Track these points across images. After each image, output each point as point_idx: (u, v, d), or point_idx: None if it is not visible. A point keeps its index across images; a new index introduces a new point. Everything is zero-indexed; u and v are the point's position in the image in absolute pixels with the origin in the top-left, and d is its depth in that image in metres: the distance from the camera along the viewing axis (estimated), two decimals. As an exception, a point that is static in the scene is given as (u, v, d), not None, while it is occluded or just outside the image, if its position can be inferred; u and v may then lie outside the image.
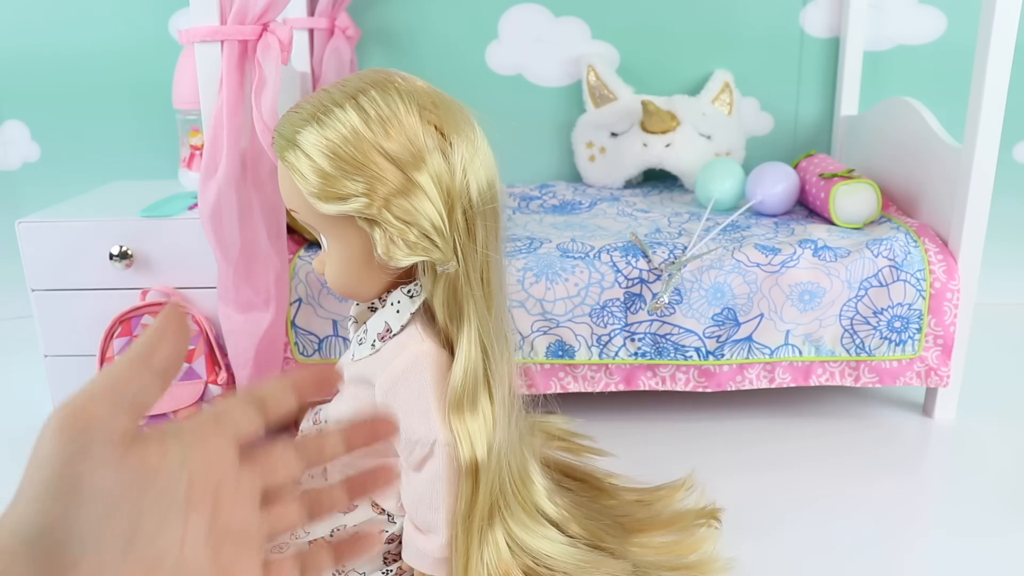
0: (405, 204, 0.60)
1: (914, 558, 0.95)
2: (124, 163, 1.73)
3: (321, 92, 0.64)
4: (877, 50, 1.72)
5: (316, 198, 0.61)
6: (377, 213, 0.59)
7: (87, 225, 1.23)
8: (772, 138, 1.78)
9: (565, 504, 0.85)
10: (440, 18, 1.72)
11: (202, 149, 1.32)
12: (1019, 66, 1.47)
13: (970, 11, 1.67)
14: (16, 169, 1.74)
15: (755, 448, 1.20)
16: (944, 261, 1.20)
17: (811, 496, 1.07)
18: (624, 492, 1.01)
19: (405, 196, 0.59)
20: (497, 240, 0.67)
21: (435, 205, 0.60)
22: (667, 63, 1.74)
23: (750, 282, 1.19)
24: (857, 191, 1.30)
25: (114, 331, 1.18)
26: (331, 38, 1.60)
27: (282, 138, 0.64)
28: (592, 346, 1.20)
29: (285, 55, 1.06)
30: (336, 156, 0.60)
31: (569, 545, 0.80)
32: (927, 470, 1.16)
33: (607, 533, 0.87)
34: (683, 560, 0.89)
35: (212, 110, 1.06)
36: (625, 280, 1.19)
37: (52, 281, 1.24)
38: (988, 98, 1.14)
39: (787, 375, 1.23)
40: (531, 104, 1.76)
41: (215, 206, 1.06)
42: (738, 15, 1.71)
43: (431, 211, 0.60)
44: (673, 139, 1.60)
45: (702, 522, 0.96)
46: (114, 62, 1.68)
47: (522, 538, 0.75)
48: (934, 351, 1.22)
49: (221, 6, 1.03)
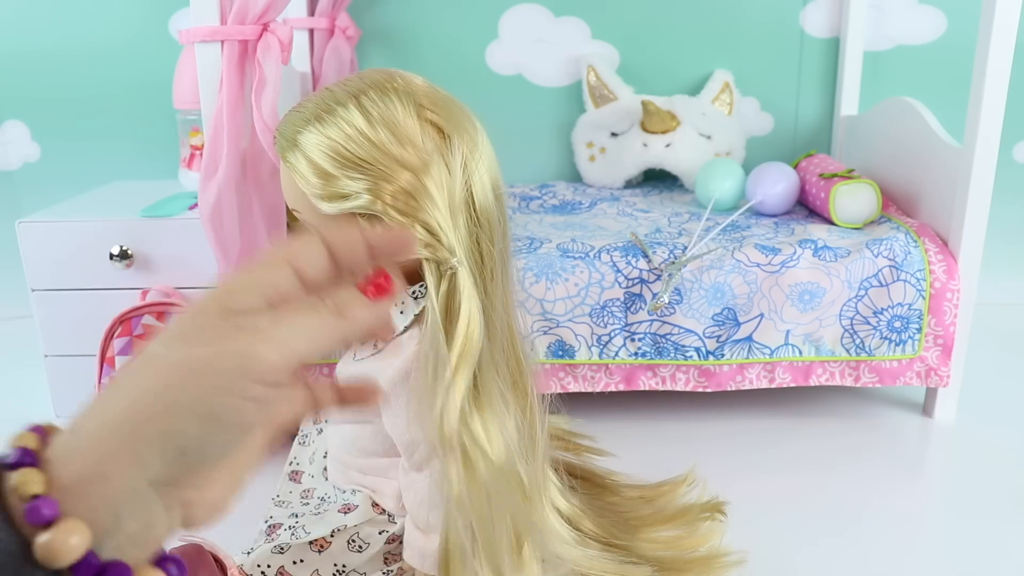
0: (409, 202, 0.59)
1: (914, 557, 0.95)
2: (124, 163, 1.73)
3: (323, 91, 0.64)
4: (877, 50, 1.72)
5: (318, 198, 0.61)
6: (381, 210, 0.59)
7: (87, 225, 1.23)
8: (772, 138, 1.78)
9: (577, 501, 0.86)
10: (440, 18, 1.72)
11: (202, 149, 1.32)
12: (1019, 66, 1.47)
13: (970, 11, 1.67)
14: (16, 169, 1.74)
15: (755, 448, 1.20)
16: (944, 261, 1.20)
17: (811, 496, 1.07)
18: (626, 489, 1.01)
19: (408, 194, 0.59)
20: (504, 239, 0.67)
21: (439, 203, 0.60)
22: (667, 63, 1.74)
23: (750, 282, 1.19)
24: (857, 191, 1.30)
25: (114, 331, 1.18)
26: (331, 38, 1.60)
27: (284, 138, 0.64)
28: (592, 346, 1.20)
29: (285, 55, 1.06)
30: (338, 156, 0.60)
31: (584, 546, 0.80)
32: (927, 470, 1.16)
33: (618, 529, 0.88)
34: (694, 554, 0.90)
35: (212, 110, 1.06)
36: (625, 280, 1.19)
37: (52, 281, 1.24)
38: (988, 98, 1.14)
39: (787, 375, 1.23)
40: (531, 104, 1.76)
41: (215, 206, 1.06)
42: (738, 15, 1.71)
43: (435, 211, 0.60)
44: (673, 139, 1.60)
45: (707, 516, 0.97)
46: (114, 62, 1.68)
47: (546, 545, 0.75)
48: (934, 351, 1.22)
49: (221, 6, 1.03)
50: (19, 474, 0.28)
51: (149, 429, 0.30)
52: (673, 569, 0.86)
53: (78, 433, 0.31)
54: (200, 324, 0.32)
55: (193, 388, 0.31)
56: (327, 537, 0.80)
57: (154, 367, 0.32)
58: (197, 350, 0.31)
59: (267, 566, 0.77)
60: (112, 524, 0.29)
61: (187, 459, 0.31)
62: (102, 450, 0.30)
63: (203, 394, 0.31)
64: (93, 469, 0.29)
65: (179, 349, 0.32)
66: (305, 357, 0.33)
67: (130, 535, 0.30)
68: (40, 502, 0.28)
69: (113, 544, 0.30)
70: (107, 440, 0.30)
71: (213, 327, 0.32)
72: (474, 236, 0.63)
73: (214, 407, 0.31)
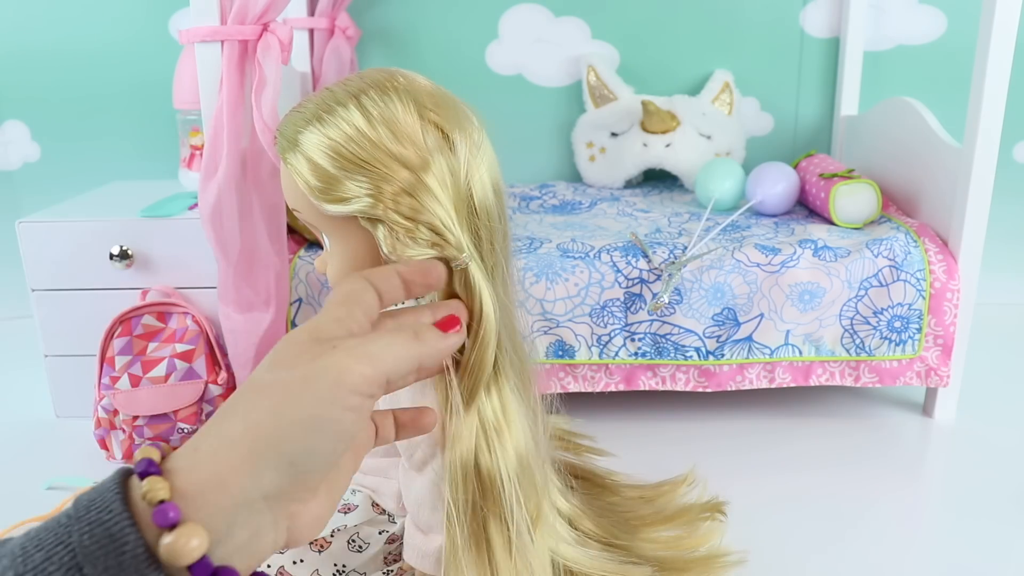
0: (412, 202, 0.59)
1: (914, 558, 0.95)
2: (124, 163, 1.73)
3: (323, 91, 0.64)
4: (877, 50, 1.72)
5: (319, 199, 0.61)
6: (383, 213, 0.59)
7: (87, 225, 1.23)
8: (772, 138, 1.78)
9: (577, 501, 0.86)
10: (440, 18, 1.72)
11: (202, 149, 1.33)
12: (1019, 66, 1.48)
13: (970, 11, 1.68)
14: (16, 169, 1.74)
15: (755, 448, 1.20)
16: (944, 261, 1.20)
17: (811, 496, 1.07)
18: (626, 489, 1.01)
19: (411, 195, 0.59)
20: (505, 239, 0.67)
21: (442, 200, 0.60)
22: (667, 63, 1.74)
23: (750, 282, 1.19)
24: (857, 191, 1.30)
25: (114, 331, 1.18)
26: (331, 38, 1.60)
27: (284, 138, 0.64)
28: (592, 346, 1.20)
29: (285, 55, 1.06)
30: (339, 156, 0.60)
31: (584, 546, 0.80)
32: (927, 470, 1.16)
33: (618, 529, 0.88)
34: (694, 554, 0.90)
35: (212, 110, 1.06)
36: (625, 280, 1.19)
37: (52, 281, 1.24)
38: (988, 98, 1.14)
39: (787, 375, 1.23)
40: (531, 104, 1.76)
41: (215, 206, 1.06)
42: (738, 15, 1.71)
43: (439, 208, 0.59)
44: (673, 139, 1.60)
45: (707, 516, 0.97)
46: (114, 62, 1.68)
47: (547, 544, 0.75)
48: (934, 351, 1.22)
49: (221, 6, 1.03)
50: (147, 482, 0.32)
51: (262, 444, 0.34)
52: (673, 569, 0.87)
53: (198, 450, 0.34)
54: (296, 351, 0.37)
55: (298, 402, 0.35)
56: (327, 537, 0.80)
57: (261, 388, 0.35)
58: (299, 369, 0.35)
59: (267, 566, 0.77)
60: (225, 532, 0.33)
61: (295, 470, 0.34)
62: (219, 463, 0.33)
63: (307, 406, 0.34)
64: (213, 480, 0.33)
65: (281, 372, 0.36)
66: (391, 374, 0.37)
67: (239, 544, 0.33)
68: (167, 507, 0.31)
69: (223, 552, 0.33)
70: (224, 454, 0.34)
71: (309, 351, 0.36)
72: (475, 236, 0.63)
73: (317, 418, 0.34)
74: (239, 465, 0.33)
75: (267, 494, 0.34)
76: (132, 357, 1.15)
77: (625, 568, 0.80)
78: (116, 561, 0.30)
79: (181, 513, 0.31)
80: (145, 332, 1.19)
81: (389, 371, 0.37)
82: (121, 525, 0.30)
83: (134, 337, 1.17)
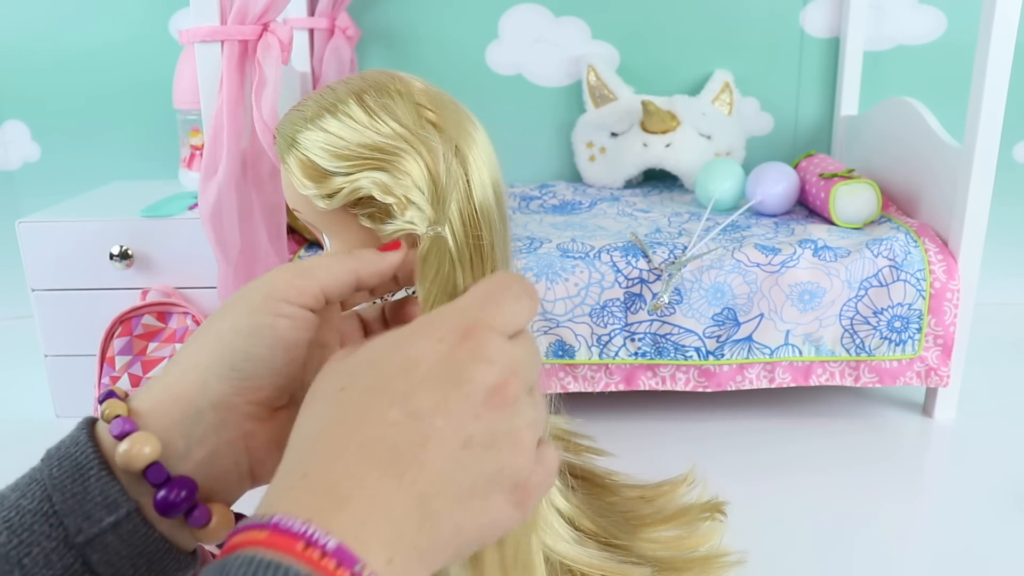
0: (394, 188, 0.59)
1: (914, 558, 0.95)
2: (124, 163, 1.73)
3: (323, 90, 0.64)
4: (877, 50, 1.72)
5: (315, 196, 0.61)
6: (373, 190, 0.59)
7: (87, 225, 1.23)
8: (772, 138, 1.78)
9: (577, 501, 0.86)
10: (440, 18, 1.72)
11: (202, 149, 1.33)
12: (1019, 66, 1.48)
13: (970, 11, 1.68)
14: (16, 169, 1.74)
15: (755, 448, 1.20)
16: (944, 261, 1.20)
17: (811, 495, 1.07)
18: (626, 489, 1.01)
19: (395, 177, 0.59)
20: (505, 239, 0.67)
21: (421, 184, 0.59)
22: (667, 63, 1.74)
23: (750, 282, 1.19)
24: (857, 191, 1.30)
25: (114, 331, 1.18)
26: (331, 38, 1.60)
27: (283, 138, 0.64)
28: (592, 346, 1.20)
29: (285, 55, 1.06)
30: (334, 151, 0.60)
31: (584, 546, 0.80)
32: (927, 470, 1.16)
33: (618, 529, 0.88)
34: (694, 554, 0.90)
35: (212, 110, 1.06)
36: (625, 280, 1.19)
37: (52, 281, 1.24)
38: (988, 98, 1.14)
39: (787, 375, 1.23)
40: (531, 104, 1.76)
41: (215, 206, 1.06)
42: (738, 15, 1.71)
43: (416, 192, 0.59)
44: (673, 139, 1.60)
45: (707, 516, 0.97)
46: (114, 62, 1.68)
47: (544, 541, 0.75)
48: (934, 351, 1.22)
49: (221, 6, 1.03)
50: (106, 404, 0.36)
51: (203, 355, 0.37)
52: (673, 569, 0.86)
53: (153, 381, 0.38)
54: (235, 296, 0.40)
55: (234, 312, 0.38)
56: None
57: (207, 322, 0.39)
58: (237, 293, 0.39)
59: None
60: (183, 448, 0.36)
61: (236, 375, 0.37)
62: (171, 383, 0.37)
63: (242, 315, 0.38)
64: (165, 395, 0.37)
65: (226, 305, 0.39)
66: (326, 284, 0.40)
67: (198, 461, 0.36)
68: (121, 420, 0.35)
69: (184, 469, 0.36)
70: (175, 375, 0.37)
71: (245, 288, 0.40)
72: (474, 236, 0.63)
73: (251, 325, 0.37)
74: (188, 380, 0.37)
75: (214, 402, 0.36)
76: (132, 357, 1.15)
77: (625, 568, 0.80)
78: (82, 487, 0.33)
79: (136, 426, 0.35)
80: (145, 332, 1.19)
81: (323, 281, 0.40)
82: (87, 454, 0.34)
83: (134, 337, 1.18)
